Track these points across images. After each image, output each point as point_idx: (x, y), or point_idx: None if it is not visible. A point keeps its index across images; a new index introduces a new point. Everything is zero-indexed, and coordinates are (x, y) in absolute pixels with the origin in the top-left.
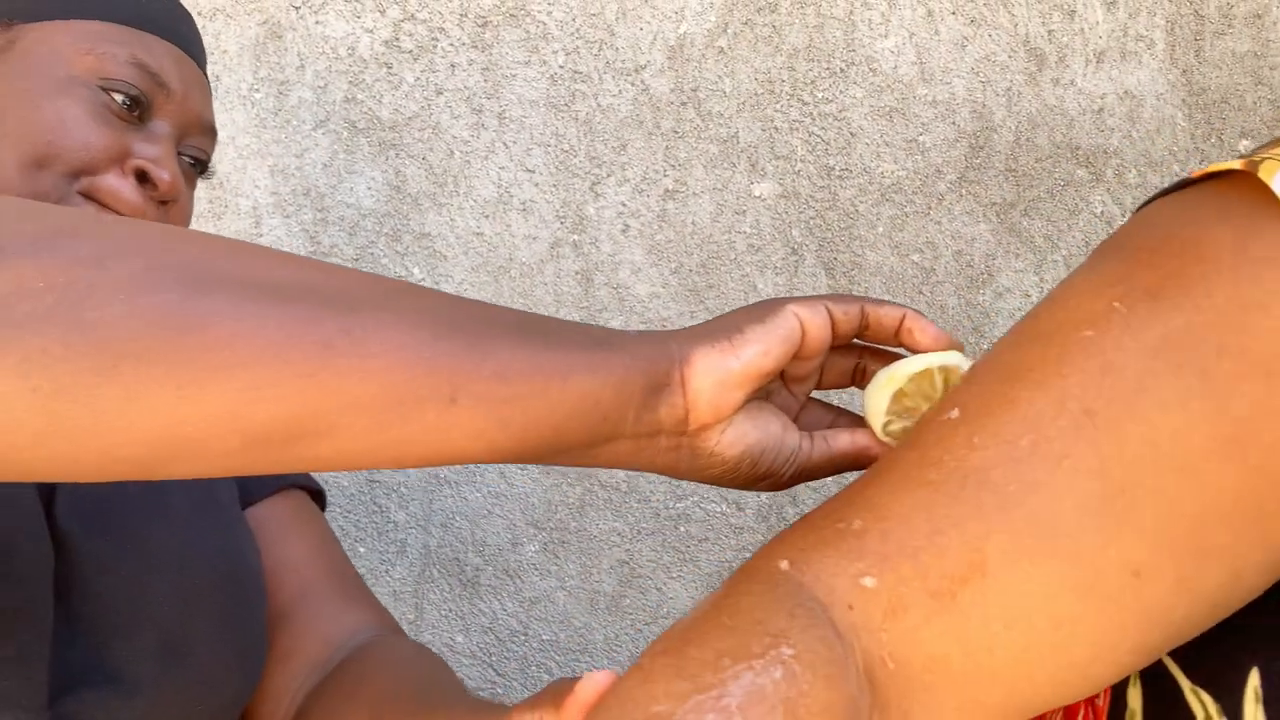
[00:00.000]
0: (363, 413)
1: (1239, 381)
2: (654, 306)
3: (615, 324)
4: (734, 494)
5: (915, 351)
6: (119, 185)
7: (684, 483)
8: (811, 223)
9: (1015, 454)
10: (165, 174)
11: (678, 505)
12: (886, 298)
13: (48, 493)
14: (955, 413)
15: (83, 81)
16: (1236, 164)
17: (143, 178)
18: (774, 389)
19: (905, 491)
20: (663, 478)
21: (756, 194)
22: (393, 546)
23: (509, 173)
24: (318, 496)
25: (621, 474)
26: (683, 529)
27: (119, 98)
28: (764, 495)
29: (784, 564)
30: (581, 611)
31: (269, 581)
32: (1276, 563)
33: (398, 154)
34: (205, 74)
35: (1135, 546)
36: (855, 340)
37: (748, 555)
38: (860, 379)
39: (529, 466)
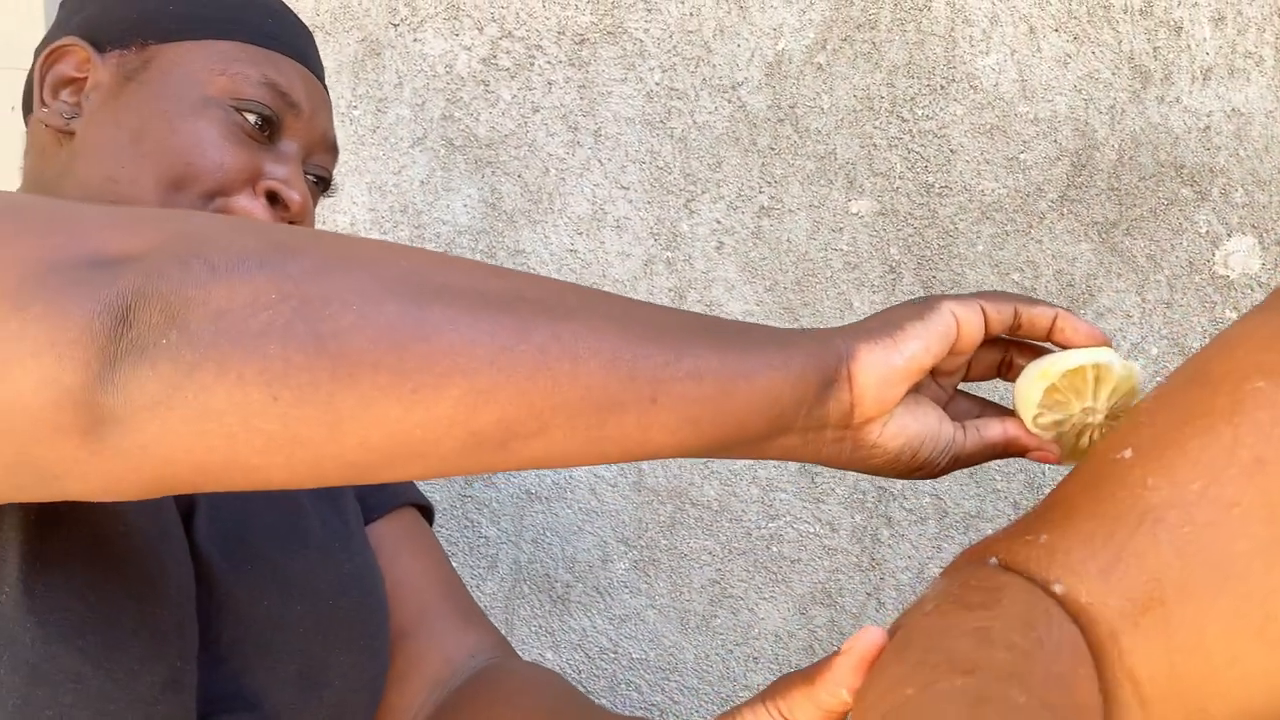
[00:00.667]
0: (573, 414)
1: None
2: None
3: None
4: (827, 515)
5: (1067, 348)
6: (250, 206)
7: (776, 503)
8: (910, 240)
9: (1187, 497)
10: (295, 195)
11: (770, 525)
12: (1040, 299)
13: (185, 516)
14: (1129, 453)
15: (217, 102)
16: None
17: (273, 198)
18: (924, 382)
19: (1085, 520)
20: (755, 498)
21: (854, 211)
22: (484, 561)
23: (603, 190)
24: (427, 513)
25: (713, 493)
26: (775, 549)
27: (251, 118)
28: (858, 517)
29: (992, 560)
30: (672, 630)
31: (388, 600)
32: None
33: (493, 171)
34: (327, 90)
35: None
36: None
37: (841, 577)
38: (1006, 371)
39: (620, 485)
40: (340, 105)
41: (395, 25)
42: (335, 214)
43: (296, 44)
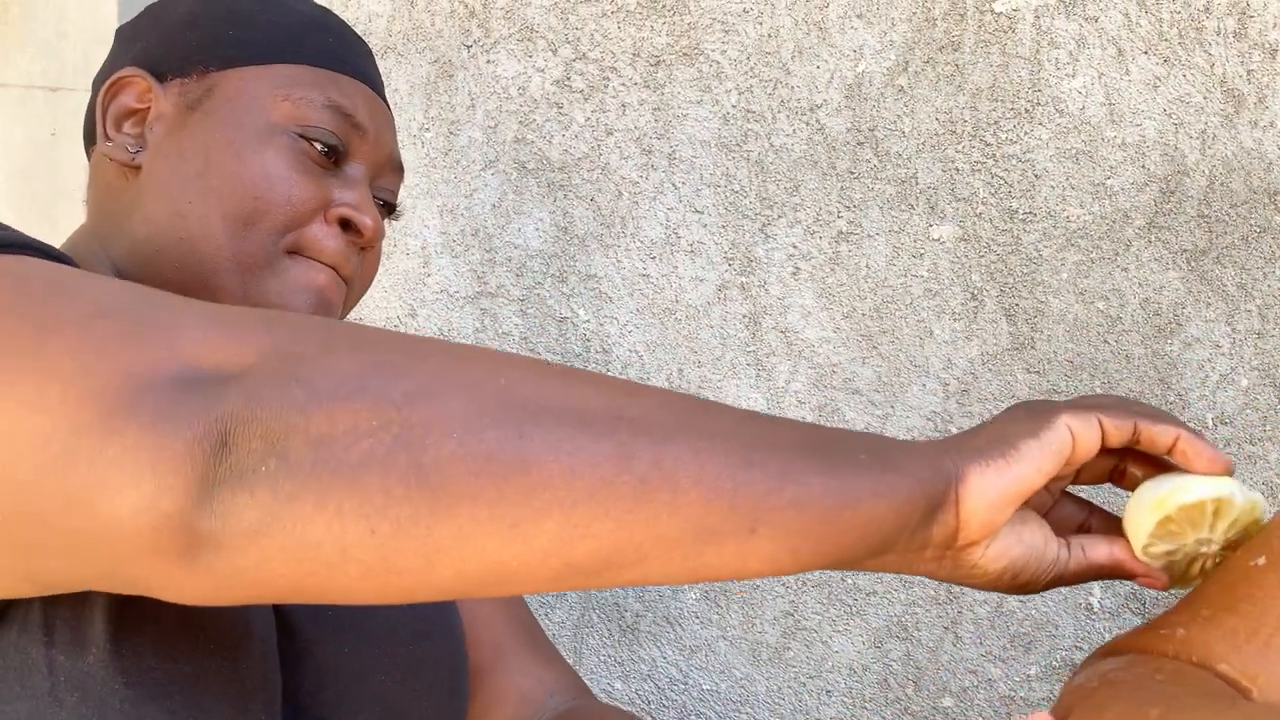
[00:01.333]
0: (671, 545)
1: None
2: (824, 351)
3: (782, 368)
4: None
5: (1185, 471)
6: (323, 236)
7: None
8: (992, 267)
9: None
10: (368, 220)
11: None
12: (1162, 411)
13: None
14: (1262, 560)
15: (282, 129)
16: None
17: (345, 224)
18: None
19: (1226, 617)
20: None
21: (935, 237)
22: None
23: (677, 214)
24: None
25: None
26: (850, 581)
27: (318, 145)
28: None
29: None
30: (743, 662)
31: (465, 637)
32: None
33: (566, 195)
34: (389, 107)
35: None
36: None
37: (918, 610)
38: (1119, 479)
39: None
40: (412, 127)
41: (468, 47)
42: (406, 237)
43: (358, 63)
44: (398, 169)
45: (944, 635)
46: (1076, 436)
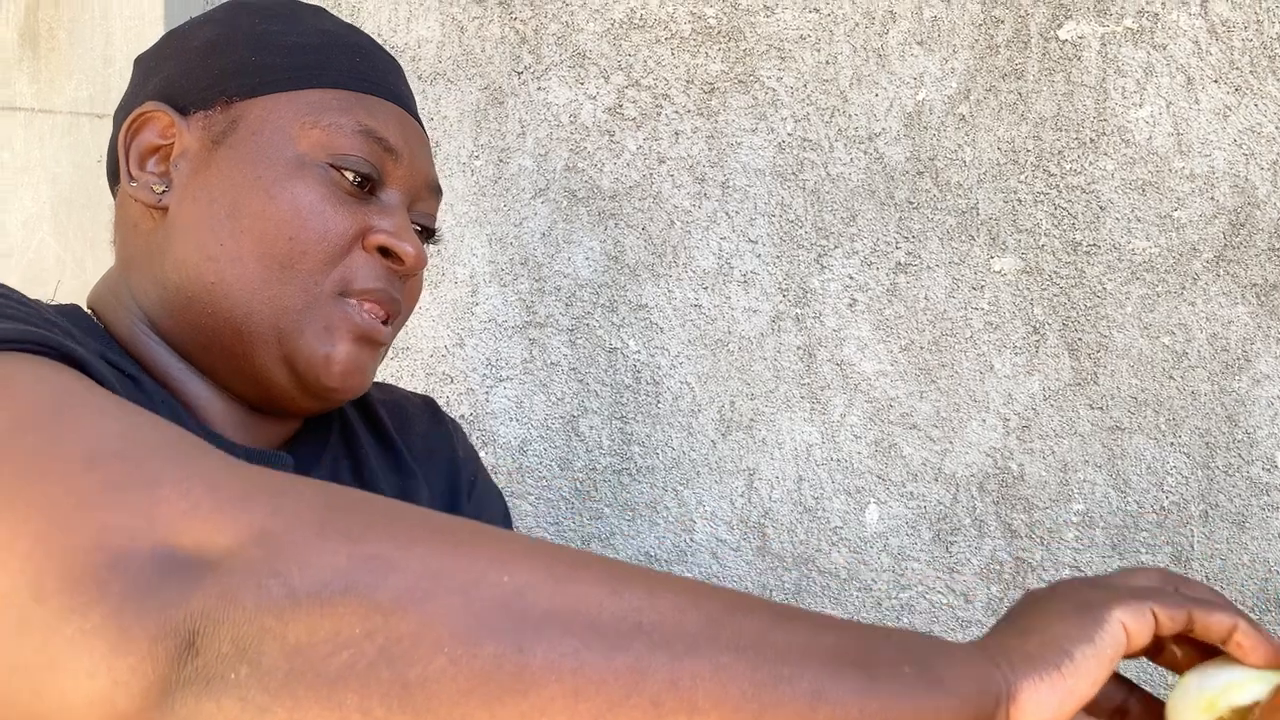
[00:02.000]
0: None
1: None
2: (881, 385)
3: (837, 402)
4: (961, 585)
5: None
6: (364, 268)
7: (908, 572)
8: (1055, 300)
9: None
10: (409, 247)
11: (901, 595)
12: (1215, 599)
13: None
14: None
15: (312, 161)
16: None
17: (384, 253)
18: None
19: None
20: (886, 566)
21: (996, 269)
22: None
23: (731, 243)
24: None
25: (841, 560)
26: (905, 619)
27: (350, 175)
28: (994, 589)
29: None
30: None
31: None
32: None
33: (617, 224)
34: (424, 128)
35: None
36: None
37: None
38: (1156, 655)
39: (743, 550)
40: (461, 155)
41: (519, 74)
42: (454, 266)
43: (388, 82)
44: (435, 191)
45: None
46: (1130, 633)
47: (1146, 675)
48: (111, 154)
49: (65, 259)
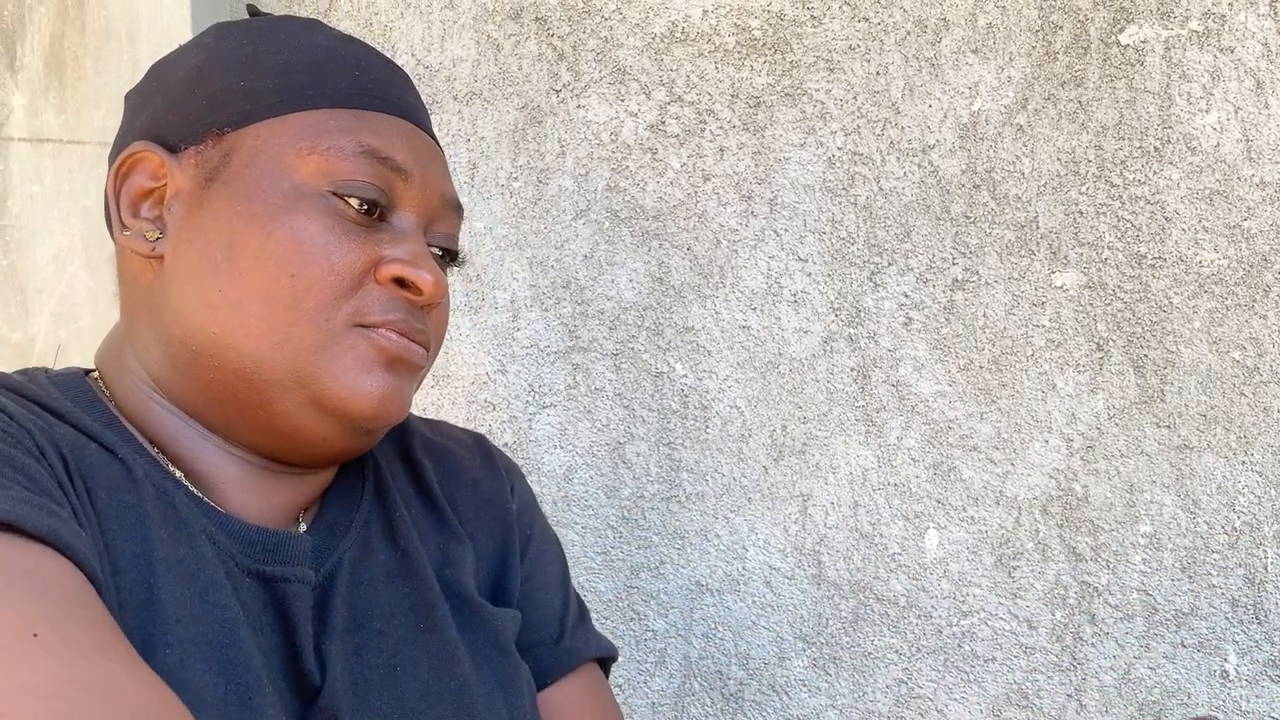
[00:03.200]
0: None
1: None
2: (939, 406)
3: (893, 424)
4: (1025, 611)
5: None
6: (377, 301)
7: (969, 599)
8: (1119, 316)
9: None
10: (426, 275)
11: (963, 622)
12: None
13: None
14: None
15: (312, 190)
16: None
17: (401, 284)
18: None
19: None
20: (946, 593)
21: (1057, 284)
22: (652, 656)
23: (779, 262)
24: (607, 662)
25: (900, 588)
26: (967, 647)
27: (355, 203)
28: (1058, 614)
29: None
30: None
31: None
32: None
33: (661, 244)
34: (435, 139)
35: None
36: None
37: (1039, 677)
38: None
39: (798, 577)
40: (500, 177)
41: (557, 91)
42: (495, 290)
43: (391, 94)
44: (454, 208)
45: (1067, 703)
46: None
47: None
48: (106, 202)
49: (98, 293)
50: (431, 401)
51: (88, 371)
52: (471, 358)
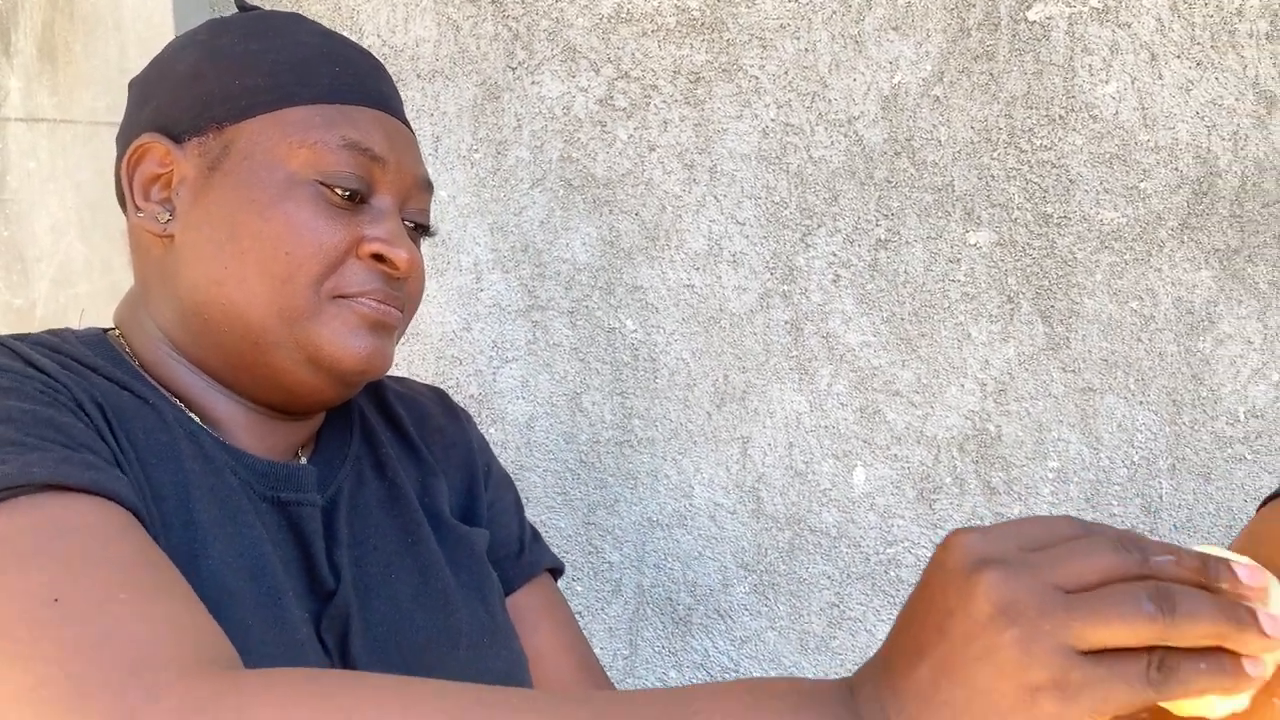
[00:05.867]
0: None
1: None
2: (865, 355)
3: (824, 372)
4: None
5: None
6: (359, 275)
7: (894, 529)
8: (1028, 270)
9: None
10: (401, 252)
11: (888, 550)
12: (1196, 657)
13: (341, 630)
14: None
15: (302, 179)
16: None
17: (379, 258)
18: None
19: None
20: (873, 524)
21: (971, 242)
22: (608, 585)
23: (720, 226)
24: (557, 573)
25: (831, 520)
26: (893, 573)
27: (339, 190)
28: None
29: None
30: (791, 651)
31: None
32: None
33: (611, 210)
34: (408, 125)
35: None
36: None
37: None
38: None
39: (739, 512)
40: (461, 149)
41: (513, 69)
42: (459, 254)
43: (369, 87)
44: (426, 187)
45: None
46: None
47: None
48: (117, 182)
49: (93, 260)
50: (403, 358)
51: (106, 330)
52: (439, 317)
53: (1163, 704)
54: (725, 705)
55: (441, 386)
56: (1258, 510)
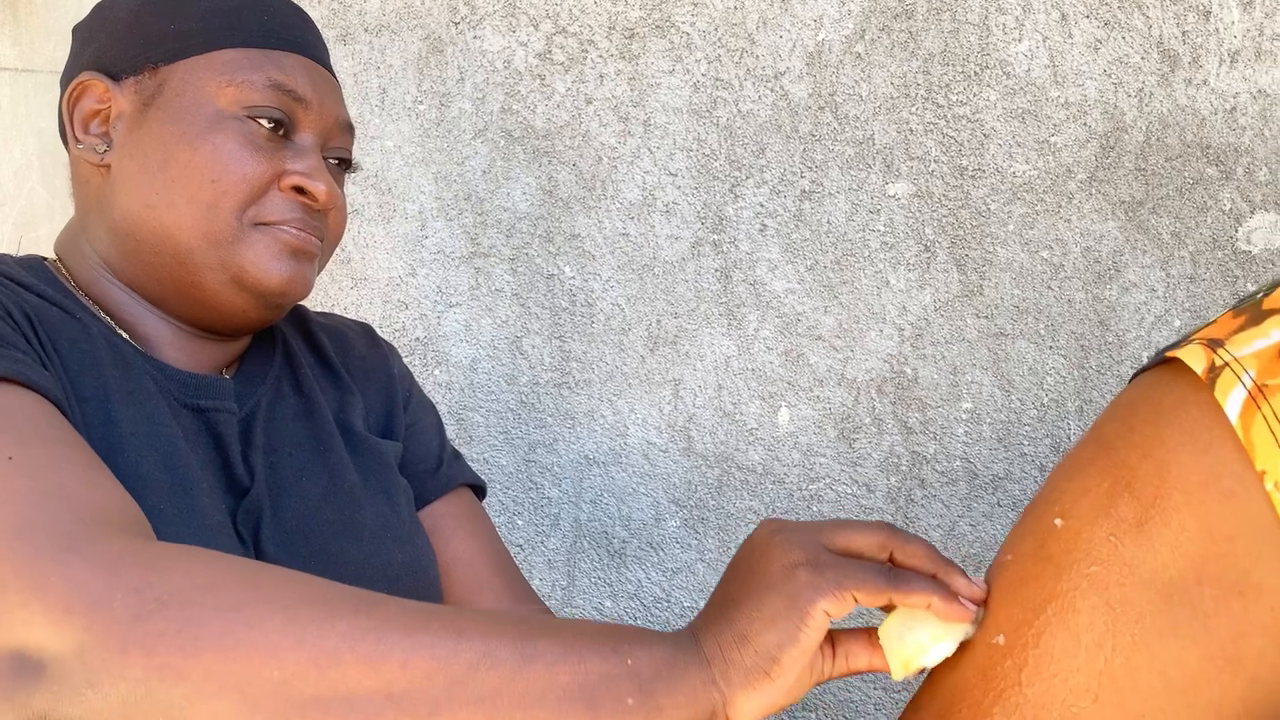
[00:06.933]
0: None
1: (1218, 605)
2: (789, 301)
3: (751, 318)
4: (864, 477)
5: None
6: (279, 204)
7: (816, 467)
8: (944, 221)
9: (1061, 692)
10: (320, 186)
11: (811, 487)
12: (917, 575)
13: (254, 523)
14: (1001, 639)
15: (230, 114)
16: (1199, 361)
17: (300, 191)
18: None
19: None
20: (796, 461)
21: (891, 194)
22: (547, 520)
23: (653, 177)
24: (480, 491)
25: (757, 458)
26: (815, 508)
27: (264, 123)
28: (893, 479)
29: None
30: (719, 580)
31: (443, 578)
32: None
33: (550, 161)
34: (332, 72)
35: None
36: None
37: None
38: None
39: (671, 450)
40: (406, 101)
41: (456, 24)
42: (405, 202)
43: (294, 35)
44: (347, 129)
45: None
46: (833, 614)
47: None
48: (60, 120)
49: (54, 205)
50: (352, 302)
51: (46, 259)
52: (385, 263)
53: (891, 662)
54: (588, 629)
55: (388, 331)
56: (1131, 380)
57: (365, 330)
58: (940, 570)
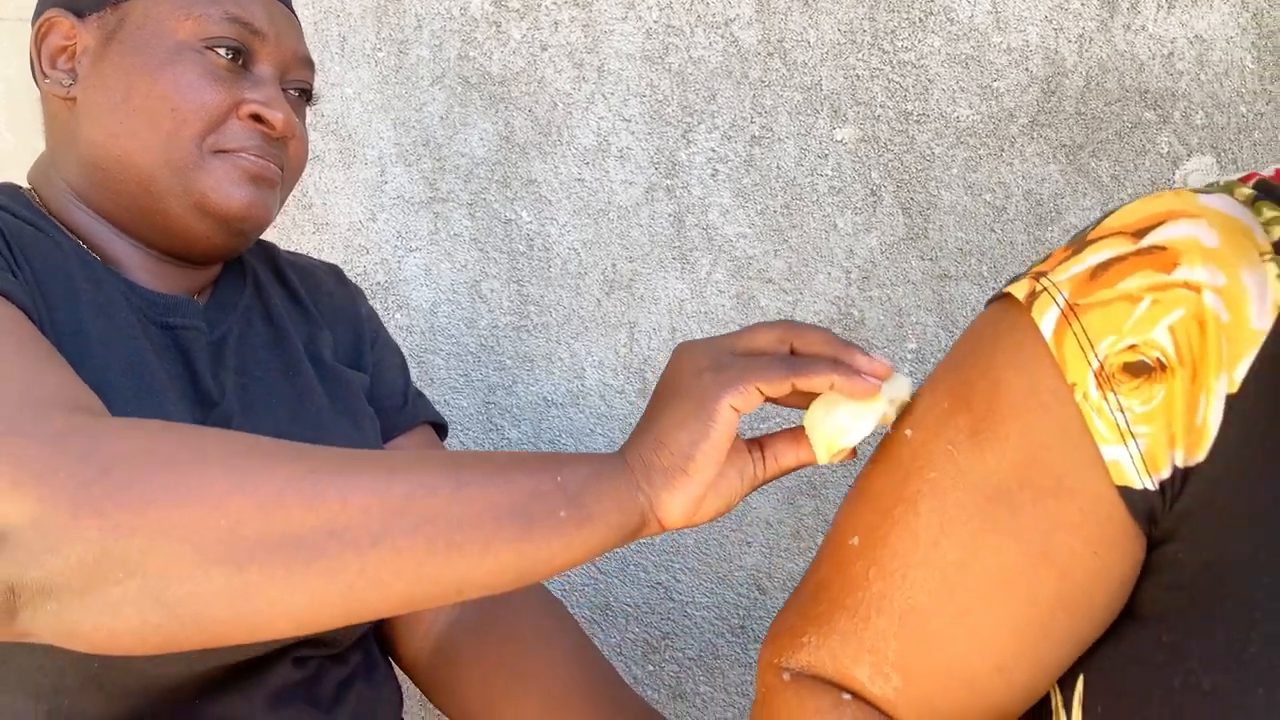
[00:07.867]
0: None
1: (1034, 505)
2: (741, 245)
3: (704, 262)
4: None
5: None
6: (238, 132)
7: (764, 411)
8: (890, 165)
9: (901, 586)
10: (278, 114)
11: (761, 427)
12: (816, 359)
13: None
14: (856, 540)
15: (188, 46)
16: (1023, 289)
17: (258, 119)
18: None
19: (838, 617)
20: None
21: (838, 139)
22: None
23: (607, 122)
24: (442, 430)
25: None
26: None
27: (222, 52)
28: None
29: (785, 675)
30: None
31: None
32: (1088, 642)
33: (506, 107)
34: (292, 10)
35: (993, 651)
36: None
37: (824, 471)
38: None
39: (627, 392)
40: (365, 48)
41: None
42: (364, 148)
43: None
44: (306, 63)
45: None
46: (740, 408)
47: None
48: (30, 58)
49: (21, 150)
50: (313, 246)
51: (20, 188)
52: (346, 208)
53: (816, 448)
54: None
55: (350, 276)
56: (986, 305)
57: (334, 270)
58: (840, 352)
